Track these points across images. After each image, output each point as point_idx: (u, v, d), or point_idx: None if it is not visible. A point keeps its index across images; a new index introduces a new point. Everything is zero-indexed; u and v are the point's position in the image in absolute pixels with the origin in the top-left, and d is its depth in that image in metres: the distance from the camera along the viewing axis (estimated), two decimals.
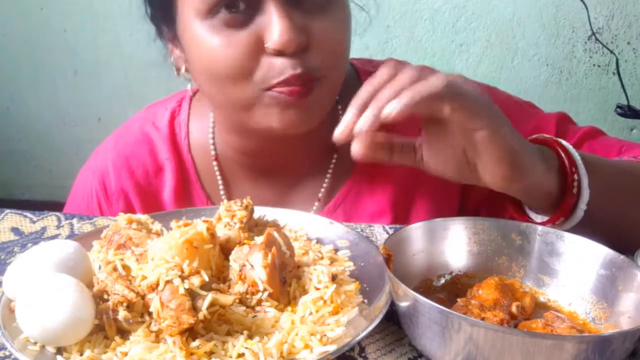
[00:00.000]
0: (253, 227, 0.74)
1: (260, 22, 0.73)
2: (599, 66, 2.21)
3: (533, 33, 2.20)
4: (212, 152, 0.94)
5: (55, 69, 2.59)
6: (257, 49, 0.74)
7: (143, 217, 0.73)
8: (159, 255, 0.59)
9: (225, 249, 0.66)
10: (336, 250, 0.74)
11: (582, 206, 0.70)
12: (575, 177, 0.69)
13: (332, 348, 0.55)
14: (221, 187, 0.95)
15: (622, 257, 0.60)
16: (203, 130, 0.95)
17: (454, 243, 0.68)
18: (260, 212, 0.78)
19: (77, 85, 2.60)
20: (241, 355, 0.55)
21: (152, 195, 0.96)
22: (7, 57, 2.61)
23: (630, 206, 0.74)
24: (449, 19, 2.24)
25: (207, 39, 0.75)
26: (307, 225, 0.78)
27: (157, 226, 0.73)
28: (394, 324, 0.63)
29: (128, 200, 0.96)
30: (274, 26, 0.72)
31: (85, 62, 2.54)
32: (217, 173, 0.94)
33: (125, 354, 0.55)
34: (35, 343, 0.57)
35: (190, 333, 0.56)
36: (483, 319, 0.57)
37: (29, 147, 2.73)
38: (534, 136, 0.75)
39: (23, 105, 2.68)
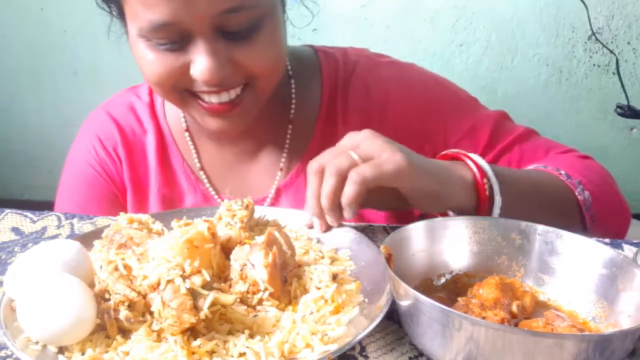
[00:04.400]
0: (254, 226, 0.74)
1: (191, 51, 0.81)
2: (599, 66, 2.21)
3: (533, 33, 2.20)
4: (184, 125, 1.04)
5: (55, 69, 2.59)
6: (184, 70, 0.82)
7: (144, 216, 0.73)
8: (160, 254, 0.59)
9: (226, 248, 0.66)
10: (337, 249, 0.74)
11: (497, 210, 0.77)
12: (488, 190, 0.77)
13: (333, 347, 0.55)
14: (193, 151, 1.04)
15: (622, 256, 0.61)
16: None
17: (454, 242, 0.68)
18: (260, 211, 0.78)
19: (77, 85, 2.60)
20: (242, 354, 0.55)
21: (138, 151, 1.05)
22: (7, 57, 2.61)
23: (535, 216, 0.77)
24: (449, 19, 2.24)
25: (144, 52, 0.83)
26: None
27: (158, 226, 0.73)
28: (394, 323, 0.63)
29: (116, 152, 1.05)
30: (199, 61, 0.80)
31: (85, 62, 2.54)
32: (189, 140, 1.04)
33: (127, 353, 0.55)
34: (37, 342, 0.57)
35: (191, 332, 0.56)
36: (484, 318, 0.57)
37: (29, 147, 2.74)
38: (448, 152, 0.83)
39: (23, 105, 2.68)
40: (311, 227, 0.76)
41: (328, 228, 0.75)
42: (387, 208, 0.82)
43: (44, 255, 0.62)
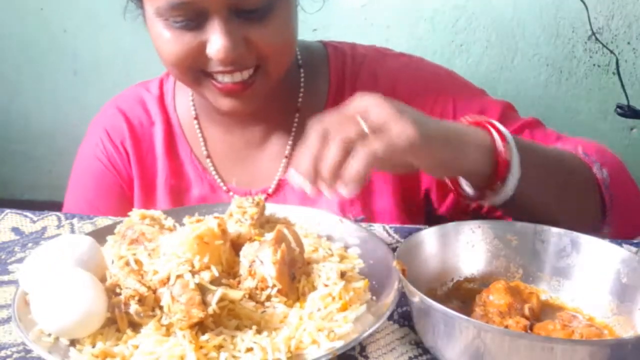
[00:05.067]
0: (264, 223, 0.75)
1: (207, 30, 0.83)
2: (599, 66, 2.21)
3: (533, 33, 2.20)
4: (193, 113, 1.06)
5: (55, 69, 2.59)
6: (200, 50, 0.85)
7: (156, 213, 0.74)
8: (170, 250, 0.60)
9: (236, 245, 0.67)
10: (346, 247, 0.74)
11: (513, 181, 0.72)
12: (507, 155, 0.72)
13: (339, 344, 0.55)
14: (201, 140, 1.05)
15: (622, 249, 0.60)
16: (185, 94, 1.07)
17: (450, 250, 0.68)
18: (271, 209, 0.78)
19: (77, 85, 2.59)
20: (250, 349, 0.55)
21: (146, 143, 1.07)
22: (7, 57, 2.61)
23: (554, 191, 0.76)
24: (449, 19, 2.23)
25: (161, 31, 0.86)
26: (317, 222, 0.79)
27: (169, 222, 0.74)
28: (394, 323, 0.63)
29: (124, 146, 1.07)
30: (214, 40, 0.82)
31: (85, 62, 2.54)
32: (197, 129, 1.06)
33: (137, 347, 0.56)
34: (49, 335, 0.58)
35: (200, 327, 0.57)
36: (506, 327, 0.56)
37: (29, 147, 2.73)
38: (470, 118, 0.78)
39: (23, 105, 2.68)
40: (299, 188, 0.70)
41: (319, 194, 0.70)
42: (391, 171, 0.77)
43: (58, 250, 0.64)
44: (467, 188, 0.78)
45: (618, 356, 0.48)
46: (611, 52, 2.13)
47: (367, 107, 0.68)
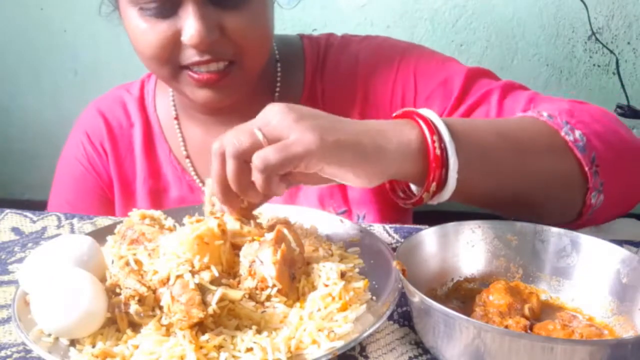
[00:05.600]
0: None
1: (181, 16, 0.83)
2: (599, 66, 2.21)
3: (533, 33, 2.20)
4: (174, 113, 1.06)
5: (55, 69, 2.59)
6: (175, 39, 0.85)
7: (156, 212, 0.74)
8: (170, 250, 0.60)
9: (236, 245, 0.67)
10: (346, 247, 0.74)
11: (453, 174, 0.66)
12: (437, 147, 0.65)
13: (339, 344, 0.55)
14: (181, 141, 1.05)
15: (622, 249, 0.60)
16: (166, 95, 1.08)
17: (450, 250, 0.68)
18: (271, 209, 0.78)
19: (77, 85, 2.59)
20: (250, 349, 0.55)
21: (125, 144, 1.07)
22: (7, 57, 2.61)
23: (508, 168, 0.71)
24: (449, 19, 2.24)
25: (136, 22, 0.86)
26: (317, 223, 0.79)
27: (169, 222, 0.74)
28: (394, 323, 0.63)
29: (103, 147, 1.07)
30: (189, 25, 0.82)
31: (85, 62, 2.54)
32: (177, 130, 1.06)
33: (137, 347, 0.56)
34: (49, 335, 0.58)
35: (200, 327, 0.57)
36: (506, 327, 0.56)
37: (29, 147, 2.73)
38: (399, 112, 0.72)
39: (23, 105, 2.68)
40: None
41: (241, 213, 0.69)
42: (313, 183, 0.71)
43: (58, 250, 0.64)
44: (414, 187, 0.73)
45: (618, 356, 0.48)
46: (611, 52, 2.13)
47: (268, 117, 0.65)
